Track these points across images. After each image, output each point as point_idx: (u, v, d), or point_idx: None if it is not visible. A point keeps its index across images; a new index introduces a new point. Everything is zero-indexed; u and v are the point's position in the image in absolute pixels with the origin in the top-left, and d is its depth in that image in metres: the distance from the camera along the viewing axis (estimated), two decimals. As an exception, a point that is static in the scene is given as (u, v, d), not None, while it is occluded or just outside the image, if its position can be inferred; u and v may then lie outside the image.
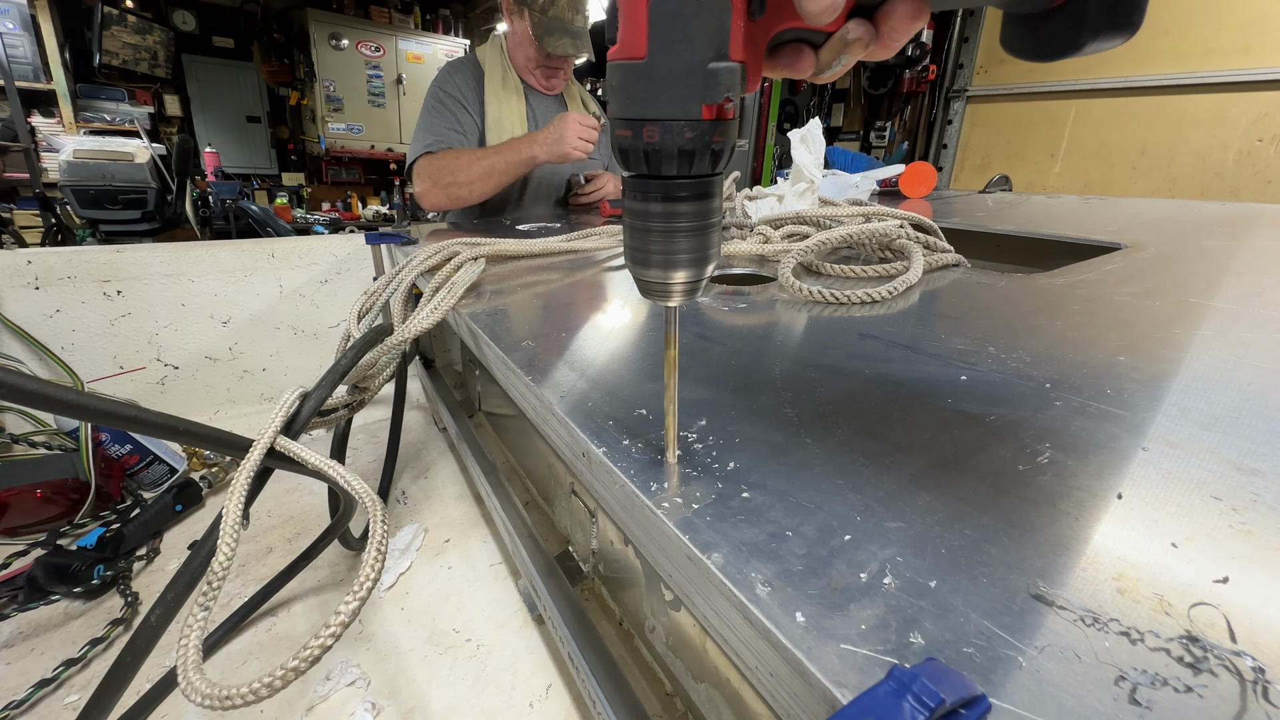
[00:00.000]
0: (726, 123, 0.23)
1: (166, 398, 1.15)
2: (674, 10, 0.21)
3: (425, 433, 1.10)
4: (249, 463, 0.45)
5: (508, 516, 0.68)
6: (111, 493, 0.86)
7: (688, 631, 0.45)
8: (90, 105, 4.18)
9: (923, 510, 0.28)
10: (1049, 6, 0.23)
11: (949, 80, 3.61)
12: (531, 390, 0.45)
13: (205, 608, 0.36)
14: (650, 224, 0.26)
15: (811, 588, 0.24)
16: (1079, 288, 0.67)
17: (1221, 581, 0.24)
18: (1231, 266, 0.79)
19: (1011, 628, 0.21)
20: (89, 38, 4.29)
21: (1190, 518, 0.28)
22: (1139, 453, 0.33)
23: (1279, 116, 2.53)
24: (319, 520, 0.84)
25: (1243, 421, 0.37)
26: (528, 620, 0.66)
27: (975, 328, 0.55)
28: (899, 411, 0.38)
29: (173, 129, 5.00)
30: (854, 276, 0.71)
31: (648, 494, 0.30)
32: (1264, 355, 0.48)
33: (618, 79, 0.23)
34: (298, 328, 1.26)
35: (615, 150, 0.25)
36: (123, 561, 0.73)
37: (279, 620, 0.67)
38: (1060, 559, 0.25)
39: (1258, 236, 1.01)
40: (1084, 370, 0.44)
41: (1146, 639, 0.21)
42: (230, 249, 1.17)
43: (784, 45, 0.26)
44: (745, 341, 0.53)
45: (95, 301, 1.06)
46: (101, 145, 2.34)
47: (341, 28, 4.99)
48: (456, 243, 0.83)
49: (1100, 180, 3.10)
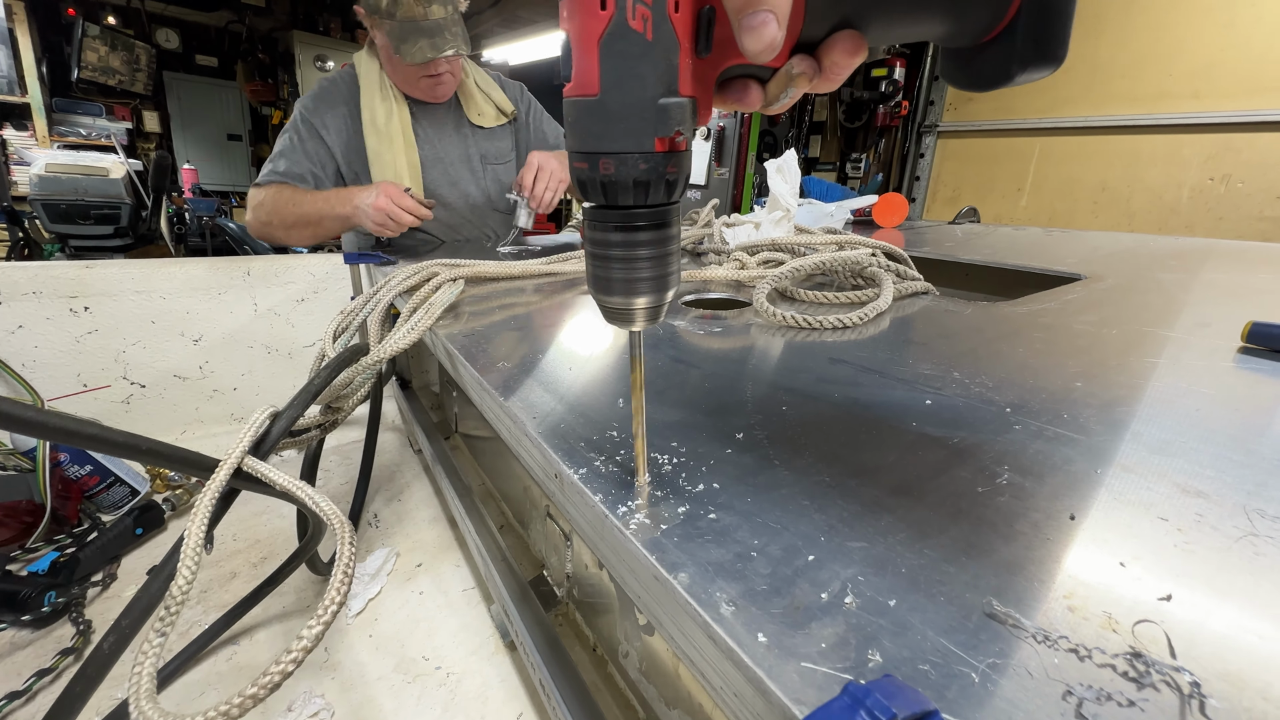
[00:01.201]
0: (679, 154, 0.25)
1: (132, 417, 1.12)
2: (624, 49, 0.22)
3: (400, 454, 1.09)
4: (214, 483, 0.44)
5: (482, 540, 0.67)
6: (68, 515, 0.83)
7: (661, 657, 0.45)
8: (66, 119, 4.13)
9: (885, 531, 0.29)
10: (981, 41, 0.25)
11: (921, 116, 3.76)
12: (506, 412, 0.45)
13: (162, 634, 0.35)
14: (610, 252, 0.27)
15: (775, 607, 0.24)
16: (1041, 316, 0.70)
17: (1165, 599, 0.25)
18: (1184, 298, 0.82)
19: (966, 645, 0.22)
20: (68, 52, 4.25)
21: (1138, 538, 0.29)
22: (1092, 475, 0.34)
23: (1227, 157, 2.68)
24: (287, 544, 0.82)
25: (1190, 446, 0.38)
26: (499, 647, 0.65)
27: (941, 353, 0.56)
28: (866, 434, 0.39)
29: (151, 145, 4.95)
30: (827, 303, 0.73)
31: (616, 514, 0.30)
32: (1212, 383, 0.50)
33: (573, 115, 0.24)
34: (271, 347, 1.24)
35: (574, 182, 0.26)
36: (76, 588, 0.70)
37: (240, 649, 0.65)
38: (1015, 578, 0.26)
39: (1209, 270, 1.06)
40: (1043, 395, 0.46)
41: (1094, 655, 0.22)
42: (205, 266, 1.15)
43: (732, 80, 0.27)
44: (720, 365, 0.54)
45: (61, 318, 1.04)
46: (75, 160, 2.31)
47: (327, 50, 5.03)
48: (436, 264, 0.83)
49: (1064, 213, 3.23)
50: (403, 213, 1.13)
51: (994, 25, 0.23)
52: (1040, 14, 0.22)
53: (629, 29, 0.22)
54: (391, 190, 1.13)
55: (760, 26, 0.22)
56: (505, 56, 4.86)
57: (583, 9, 0.22)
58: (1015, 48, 0.23)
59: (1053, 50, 0.23)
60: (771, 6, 0.22)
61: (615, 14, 0.21)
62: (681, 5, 0.22)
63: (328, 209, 1.18)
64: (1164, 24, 2.75)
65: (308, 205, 1.20)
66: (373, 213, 1.12)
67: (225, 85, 5.32)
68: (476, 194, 1.46)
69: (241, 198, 5.47)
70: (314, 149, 1.29)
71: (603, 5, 0.21)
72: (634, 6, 0.21)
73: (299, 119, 1.29)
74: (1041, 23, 0.23)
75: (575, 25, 0.22)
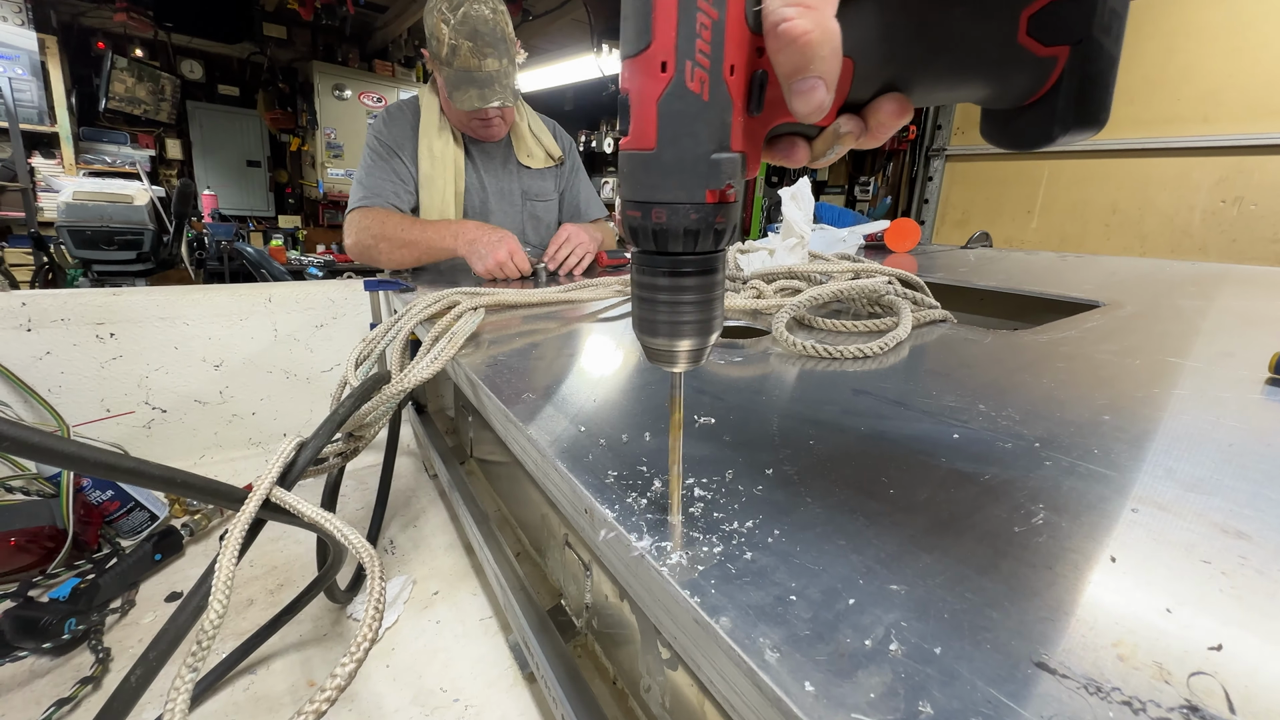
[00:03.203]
0: (729, 205, 0.25)
1: (152, 441, 1.13)
2: (681, 109, 0.23)
3: (415, 479, 1.09)
4: (244, 514, 0.45)
5: (499, 568, 0.66)
6: (88, 541, 0.83)
7: (685, 692, 0.44)
8: (92, 148, 4.26)
9: (924, 573, 0.29)
10: (1023, 104, 0.25)
11: (929, 139, 3.80)
12: (533, 444, 0.46)
13: (194, 669, 0.35)
14: (658, 296, 0.27)
15: (819, 653, 0.24)
16: (1061, 345, 0.70)
17: (1215, 649, 0.24)
18: (1203, 326, 0.82)
19: (1017, 696, 0.22)
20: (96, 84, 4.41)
21: (1182, 581, 0.28)
22: (1128, 514, 0.34)
23: (1238, 180, 2.68)
24: (304, 571, 0.82)
25: (1225, 483, 0.38)
26: (518, 678, 0.64)
27: (964, 384, 0.56)
28: (896, 470, 0.39)
29: (173, 171, 5.09)
30: (845, 331, 0.73)
31: (653, 555, 0.30)
32: (1240, 415, 0.49)
33: (629, 166, 0.25)
34: (290, 371, 1.26)
35: (625, 229, 0.27)
36: (95, 615, 0.70)
37: (257, 678, 0.64)
38: (1060, 624, 0.25)
39: (1226, 296, 1.05)
40: (1071, 429, 0.46)
41: (1148, 709, 0.21)
42: (228, 293, 1.17)
43: (781, 137, 0.28)
44: (743, 396, 0.54)
45: (87, 344, 1.06)
46: (101, 187, 2.38)
47: (345, 79, 5.18)
48: (457, 292, 0.85)
49: (1075, 236, 3.23)
50: (515, 268, 1.21)
51: (1035, 90, 0.24)
52: (1082, 81, 0.23)
53: (687, 90, 0.23)
54: (515, 245, 1.22)
55: (810, 91, 0.23)
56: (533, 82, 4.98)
57: (644, 71, 0.23)
58: (1057, 111, 0.24)
59: (1095, 114, 0.23)
60: (821, 73, 0.23)
61: (675, 76, 0.23)
62: (736, 69, 0.23)
63: (438, 240, 1.27)
64: (1171, 48, 2.77)
65: (419, 232, 1.28)
66: (492, 264, 1.19)
67: (246, 114, 5.48)
68: (510, 224, 1.54)
69: (259, 222, 5.59)
70: (396, 168, 1.39)
71: (663, 68, 0.23)
72: (692, 70, 0.22)
73: (375, 143, 1.39)
74: (1083, 89, 0.23)
75: (636, 85, 0.23)
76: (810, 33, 0.22)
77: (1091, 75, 0.23)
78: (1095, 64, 0.23)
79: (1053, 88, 0.24)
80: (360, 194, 1.37)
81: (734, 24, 0.22)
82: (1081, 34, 0.23)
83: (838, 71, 0.23)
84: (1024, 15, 0.23)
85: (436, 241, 1.27)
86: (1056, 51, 0.23)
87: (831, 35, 0.22)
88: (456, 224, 1.30)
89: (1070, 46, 0.23)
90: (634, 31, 0.23)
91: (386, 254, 1.31)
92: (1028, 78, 0.24)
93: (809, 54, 0.22)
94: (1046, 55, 0.23)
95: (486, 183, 1.50)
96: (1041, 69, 0.23)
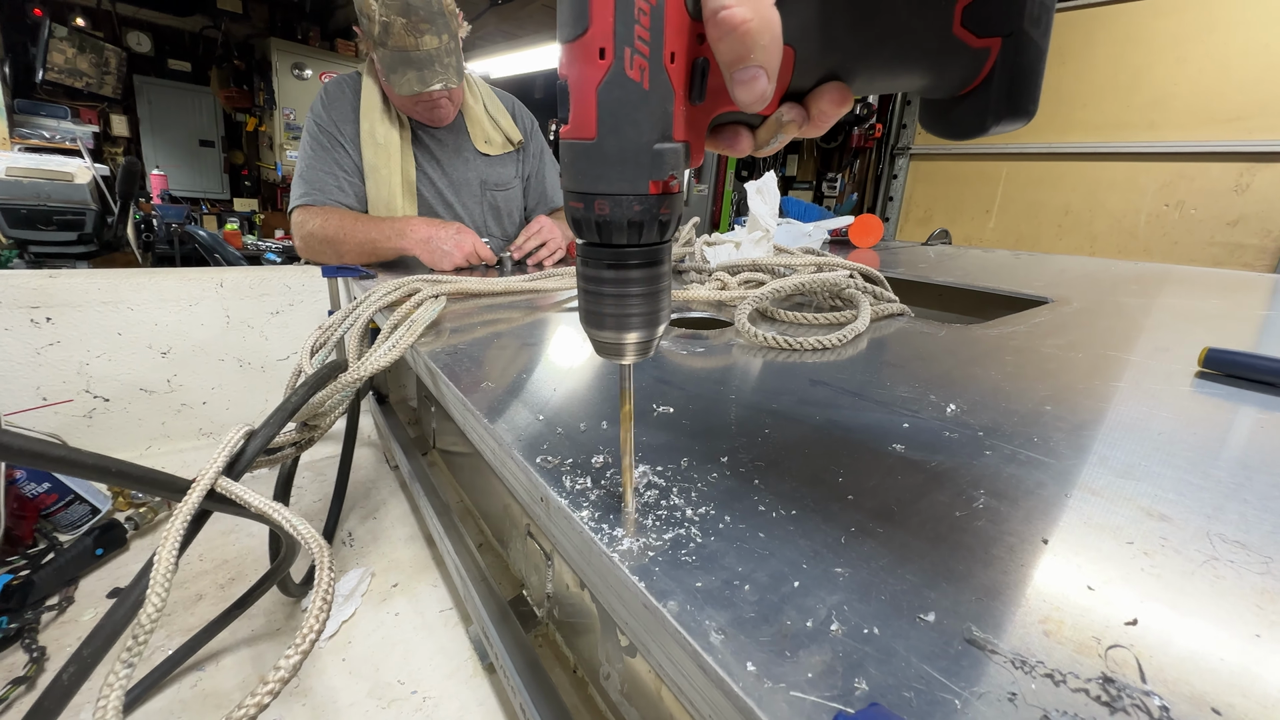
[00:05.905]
0: (672, 196, 0.25)
1: (94, 432, 1.08)
2: (621, 97, 0.23)
3: (376, 471, 1.06)
4: (186, 505, 0.43)
5: (460, 559, 0.66)
6: (22, 536, 0.79)
7: (643, 678, 0.45)
8: (28, 121, 4.00)
9: (868, 556, 0.30)
10: (958, 94, 0.26)
11: (894, 138, 3.88)
12: (490, 433, 0.45)
13: (129, 664, 0.34)
14: (603, 289, 0.27)
15: (763, 635, 0.24)
16: (1011, 339, 0.72)
17: (1132, 623, 0.26)
18: (1144, 323, 0.86)
19: (949, 671, 0.23)
20: (33, 53, 4.14)
21: (1107, 562, 0.30)
22: (1063, 499, 0.36)
23: (1180, 185, 2.82)
24: (256, 564, 0.79)
25: (1153, 470, 0.40)
26: (478, 669, 0.64)
27: (918, 376, 0.58)
28: (848, 457, 0.40)
29: (119, 149, 4.83)
30: (806, 323, 0.74)
31: (605, 541, 0.30)
32: (1172, 407, 0.52)
33: (570, 156, 0.25)
34: (244, 360, 1.21)
35: (569, 220, 0.27)
36: (30, 613, 0.67)
37: (206, 675, 0.62)
38: (993, 603, 0.27)
39: (1166, 295, 1.11)
40: (1015, 419, 0.48)
41: (1068, 680, 0.22)
42: (176, 277, 1.12)
43: (724, 126, 0.28)
44: (703, 385, 0.54)
45: (20, 329, 1.00)
46: (38, 163, 2.24)
47: (305, 58, 4.98)
48: (418, 279, 0.83)
49: (1030, 235, 3.35)
50: (480, 260, 1.18)
51: (969, 81, 0.25)
52: (1013, 72, 0.24)
53: (626, 78, 0.22)
54: (473, 236, 1.18)
55: (751, 81, 0.23)
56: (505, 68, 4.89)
57: (582, 57, 0.22)
58: (989, 102, 0.25)
59: (1024, 105, 0.24)
60: (762, 62, 0.23)
61: (614, 63, 0.22)
62: (677, 57, 0.23)
63: (385, 241, 1.19)
64: (1122, 56, 2.89)
65: (364, 233, 1.20)
66: (460, 260, 1.16)
67: (198, 90, 5.22)
68: (469, 218, 1.45)
69: (213, 204, 5.36)
70: (338, 158, 1.28)
71: (601, 54, 0.22)
72: (631, 56, 0.22)
73: (315, 128, 1.28)
74: (1014, 80, 0.24)
75: (574, 72, 0.23)
76: (749, 21, 0.21)
77: (1022, 67, 0.24)
78: (1025, 56, 0.24)
79: (986, 79, 0.24)
80: (301, 190, 1.27)
81: (673, 10, 0.22)
82: (1013, 27, 0.23)
83: (779, 61, 0.23)
84: (959, 7, 0.23)
85: (384, 243, 1.19)
86: (989, 43, 0.24)
87: (771, 24, 0.22)
88: (403, 222, 1.21)
89: (1002, 39, 0.24)
90: (570, 15, 0.22)
91: (335, 259, 1.23)
92: (962, 68, 0.25)
93: (749, 43, 0.22)
94: (980, 46, 0.24)
95: (439, 173, 1.38)
96: (975, 60, 0.24)
